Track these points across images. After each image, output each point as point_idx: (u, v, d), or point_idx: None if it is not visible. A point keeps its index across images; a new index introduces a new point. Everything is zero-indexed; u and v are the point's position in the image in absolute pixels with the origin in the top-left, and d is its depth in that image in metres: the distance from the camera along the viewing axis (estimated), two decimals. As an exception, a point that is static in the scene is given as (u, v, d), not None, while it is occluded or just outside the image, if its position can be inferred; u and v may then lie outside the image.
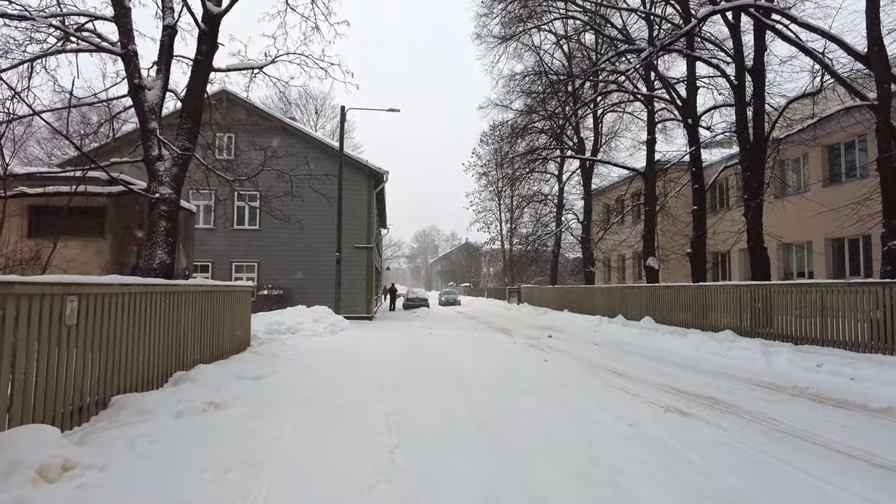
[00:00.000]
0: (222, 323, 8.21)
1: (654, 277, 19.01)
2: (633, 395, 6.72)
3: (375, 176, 20.70)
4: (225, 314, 8.38)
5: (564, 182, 29.61)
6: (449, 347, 11.77)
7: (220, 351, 8.12)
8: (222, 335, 8.22)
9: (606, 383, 7.58)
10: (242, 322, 9.53)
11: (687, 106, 16.54)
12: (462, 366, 8.86)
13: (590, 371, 8.68)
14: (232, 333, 8.76)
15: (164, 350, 6.16)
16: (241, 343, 9.44)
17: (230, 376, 6.79)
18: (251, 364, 7.96)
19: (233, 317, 8.84)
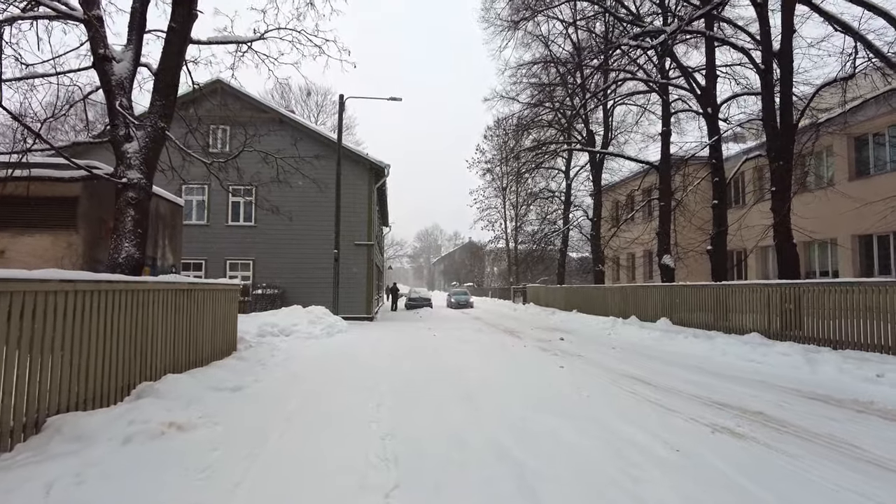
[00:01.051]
0: (202, 325, 7.33)
1: (670, 276, 18.06)
2: (668, 410, 5.80)
3: (376, 170, 19.81)
4: (206, 315, 7.50)
5: (572, 178, 28.67)
6: (453, 351, 10.86)
7: (199, 357, 7.23)
8: (202, 339, 7.33)
9: (634, 394, 6.67)
10: (228, 324, 8.65)
11: (706, 94, 15.58)
12: (469, 374, 7.95)
13: (612, 379, 7.76)
14: (214, 337, 7.88)
15: (126, 358, 5.27)
16: (226, 347, 8.56)
17: (205, 387, 5.90)
18: (233, 372, 7.07)
19: (216, 318, 7.96)
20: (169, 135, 6.87)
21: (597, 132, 24.53)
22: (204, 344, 7.41)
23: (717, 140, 15.31)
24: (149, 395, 5.11)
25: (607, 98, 22.87)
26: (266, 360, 8.36)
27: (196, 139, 9.60)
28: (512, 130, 25.38)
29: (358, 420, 5.04)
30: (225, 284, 8.46)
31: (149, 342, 5.77)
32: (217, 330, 8.02)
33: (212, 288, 7.76)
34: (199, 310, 7.25)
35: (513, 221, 39.48)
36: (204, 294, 7.41)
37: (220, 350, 8.23)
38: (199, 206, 19.33)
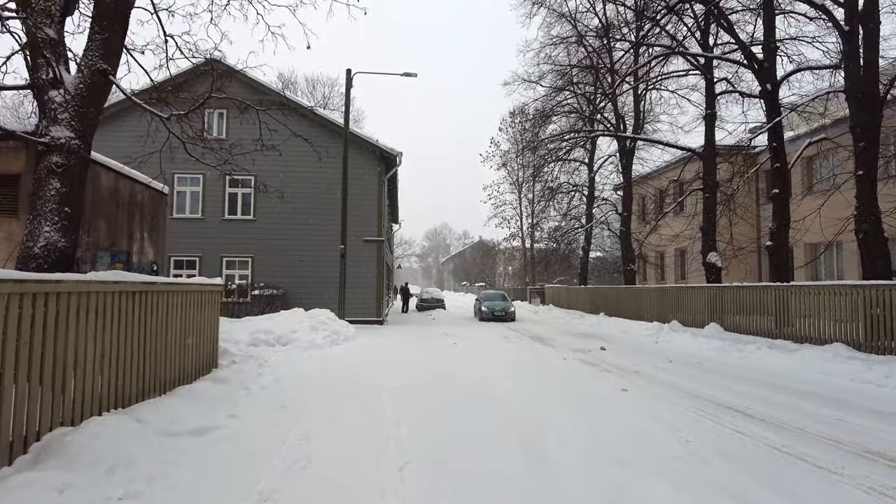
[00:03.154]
0: (163, 339, 5.54)
1: (716, 276, 16.10)
2: (826, 472, 3.93)
3: (387, 159, 17.99)
4: (170, 325, 5.71)
5: (596, 170, 26.64)
6: (483, 366, 9.00)
7: (159, 381, 5.44)
8: (163, 357, 5.55)
9: (752, 440, 4.81)
10: (205, 334, 6.86)
11: (764, 69, 13.59)
12: (515, 403, 6.10)
13: (701, 411, 5.88)
14: (183, 353, 6.09)
15: (26, 395, 3.48)
16: (202, 364, 6.77)
17: (152, 433, 4.11)
18: (203, 402, 5.27)
19: (186, 328, 6.17)
20: (116, 82, 5.07)
21: (627, 116, 22.48)
22: (167, 363, 5.61)
23: (777, 121, 13.30)
24: (49, 457, 3.31)
25: (639, 80, 20.89)
26: (251, 382, 6.55)
27: (187, 124, 7.82)
28: (533, 118, 23.44)
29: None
30: (200, 284, 6.66)
31: (72, 367, 3.98)
32: (188, 343, 6.22)
33: (180, 289, 5.96)
34: (160, 318, 5.45)
35: (529, 218, 37.49)
36: (167, 297, 5.62)
37: (194, 368, 6.43)
38: (194, 198, 17.61)
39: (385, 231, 19.96)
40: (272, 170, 17.64)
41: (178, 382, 5.89)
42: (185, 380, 6.09)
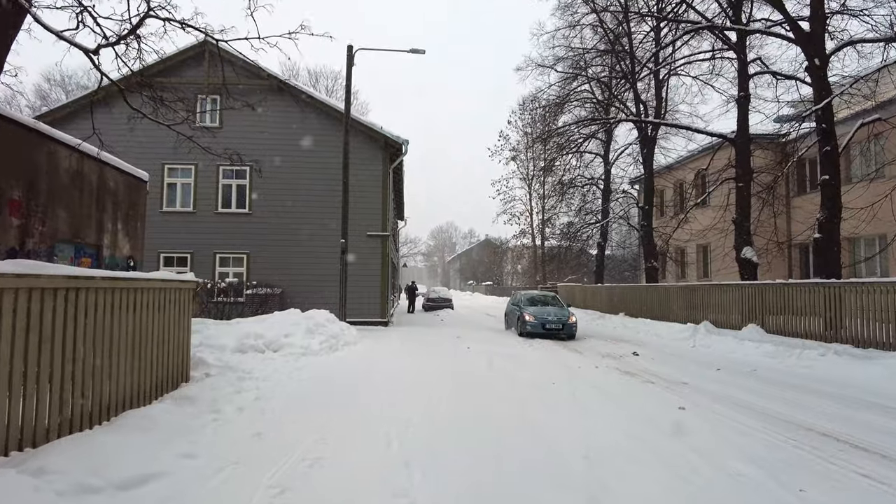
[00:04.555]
0: (106, 350, 4.29)
1: (752, 273, 14.71)
2: None
3: (392, 147, 16.70)
4: (117, 332, 4.47)
5: (612, 162, 25.26)
6: (505, 377, 7.70)
7: (96, 406, 4.18)
8: (108, 373, 4.30)
9: None
10: (170, 342, 5.60)
11: (812, 42, 12.19)
12: (553, 433, 4.82)
13: (796, 442, 4.59)
14: (137, 366, 4.84)
15: None
16: (166, 378, 5.51)
17: (54, 492, 2.83)
18: (152, 435, 4.01)
19: (141, 336, 4.92)
20: (35, 15, 3.79)
21: (649, 102, 21.06)
22: (109, 382, 4.36)
23: (827, 100, 11.91)
24: None
25: (661, 64, 19.50)
26: (226, 401, 5.27)
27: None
28: (546, 106, 22.09)
29: None
30: (163, 280, 5.40)
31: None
32: (145, 355, 4.97)
33: (131, 285, 4.70)
34: (99, 324, 4.20)
35: (540, 214, 36.09)
36: (111, 297, 4.36)
37: (153, 386, 5.17)
38: (185, 191, 16.39)
39: (390, 226, 18.70)
40: (269, 158, 16.39)
41: (128, 405, 4.63)
42: (139, 401, 4.82)
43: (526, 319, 13.85)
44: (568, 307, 15.20)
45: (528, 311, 14.22)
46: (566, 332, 13.44)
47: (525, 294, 16.39)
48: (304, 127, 16.69)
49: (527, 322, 13.76)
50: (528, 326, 13.67)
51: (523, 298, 15.78)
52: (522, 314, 14.23)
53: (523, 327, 13.86)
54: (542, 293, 16.68)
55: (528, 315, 13.97)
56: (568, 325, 13.50)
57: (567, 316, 13.88)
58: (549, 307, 14.78)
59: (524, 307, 14.86)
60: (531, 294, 16.46)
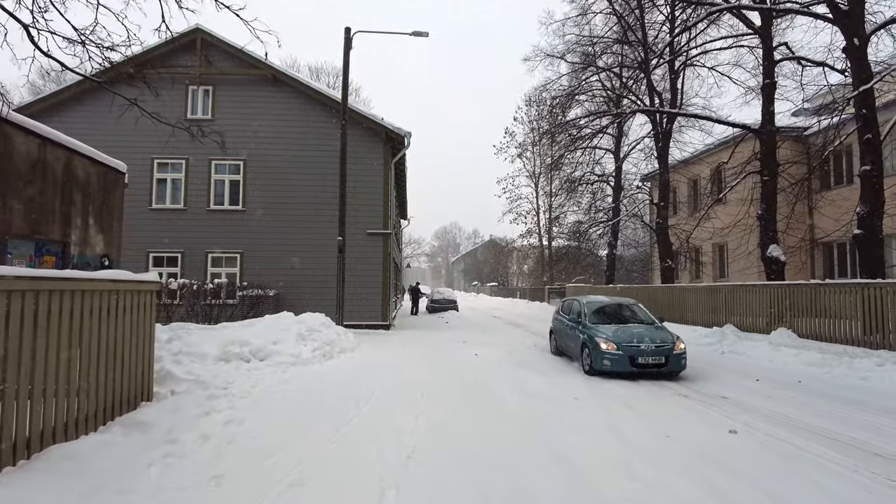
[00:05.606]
0: (30, 368, 3.38)
1: (778, 272, 13.71)
2: None
3: (393, 140, 15.76)
4: (47, 345, 3.57)
5: (623, 158, 24.24)
6: (518, 391, 6.75)
7: (17, 438, 3.25)
8: (30, 396, 3.37)
9: None
10: (125, 355, 4.70)
11: (850, 20, 11.20)
12: (601, 482, 3.85)
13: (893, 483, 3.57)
14: (76, 385, 3.92)
15: None
16: (120, 398, 4.62)
17: None
18: (69, 481, 3.10)
19: (87, 348, 4.04)
20: None
21: (664, 92, 20.02)
22: (28, 411, 3.43)
23: (868, 83, 10.91)
24: None
25: (677, 53, 18.49)
26: (188, 428, 4.35)
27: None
28: (555, 99, 21.09)
29: None
30: (113, 281, 4.48)
31: None
32: (85, 373, 4.05)
33: (62, 287, 3.78)
34: (10, 337, 3.28)
35: (547, 213, 35.08)
36: (31, 302, 3.44)
37: (100, 409, 4.26)
38: (175, 186, 15.51)
39: (393, 224, 17.77)
40: (264, 153, 15.54)
41: (58, 438, 3.71)
42: (76, 430, 3.90)
43: (602, 350, 8.05)
44: (661, 321, 9.71)
45: (601, 333, 8.41)
46: (671, 368, 7.91)
47: (587, 302, 9.96)
48: (302, 120, 15.80)
49: (604, 354, 8.00)
50: (605, 361, 7.98)
51: (585, 308, 9.65)
52: (593, 338, 8.36)
53: (598, 361, 8.08)
54: (613, 299, 10.44)
55: (605, 340, 8.17)
56: (674, 356, 7.90)
57: (669, 341, 8.13)
58: (635, 325, 9.01)
59: (592, 325, 8.95)
60: (597, 302, 10.09)
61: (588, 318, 9.32)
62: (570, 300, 10.97)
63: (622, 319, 9.40)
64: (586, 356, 8.51)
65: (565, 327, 10.11)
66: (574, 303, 10.49)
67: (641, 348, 7.97)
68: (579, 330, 9.10)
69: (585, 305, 9.78)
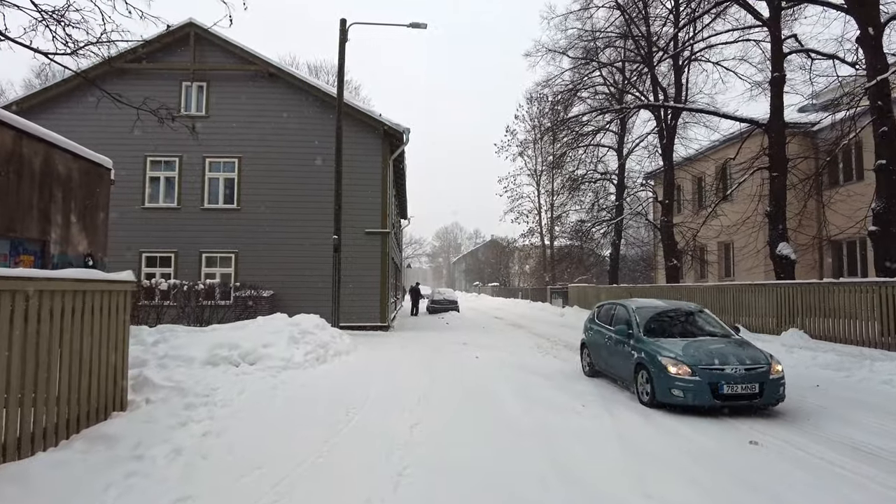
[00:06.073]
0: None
1: (788, 271, 13.28)
2: None
3: (392, 136, 15.37)
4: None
5: (627, 155, 23.82)
6: (524, 397, 6.36)
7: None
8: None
9: None
10: (94, 361, 4.34)
11: (864, 7, 10.79)
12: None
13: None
14: (31, 396, 3.53)
15: None
16: (91, 407, 4.26)
17: None
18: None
19: (45, 354, 3.65)
20: None
21: (668, 86, 19.61)
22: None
23: (887, 74, 10.49)
24: None
25: (682, 47, 18.09)
26: (159, 442, 3.96)
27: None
28: (557, 95, 20.69)
29: None
30: (77, 280, 4.10)
31: None
32: (43, 382, 3.67)
33: (10, 287, 3.40)
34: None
35: (548, 212, 34.68)
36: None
37: (62, 421, 3.88)
38: (168, 185, 15.13)
39: (392, 223, 17.38)
40: (260, 151, 15.17)
41: (10, 455, 3.33)
42: (30, 447, 3.52)
43: (671, 374, 5.98)
44: (737, 331, 8.13)
45: (667, 351, 6.27)
46: (767, 400, 5.87)
47: (639, 308, 7.61)
48: (299, 116, 15.43)
49: (673, 380, 5.95)
50: (675, 390, 5.91)
51: (636, 316, 7.34)
52: (656, 358, 6.25)
53: (664, 389, 6.01)
54: (670, 304, 8.20)
55: (674, 361, 6.06)
56: (771, 382, 5.86)
57: (763, 361, 6.06)
58: (708, 339, 6.82)
59: (650, 339, 6.79)
60: (650, 307, 7.72)
61: (642, 328, 7.04)
62: (609, 305, 8.70)
63: (687, 331, 7.13)
64: (643, 381, 6.39)
65: (606, 341, 7.78)
66: (618, 309, 8.08)
67: (726, 372, 5.80)
68: (630, 345, 6.92)
69: (636, 312, 7.41)
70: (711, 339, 6.83)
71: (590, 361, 8.45)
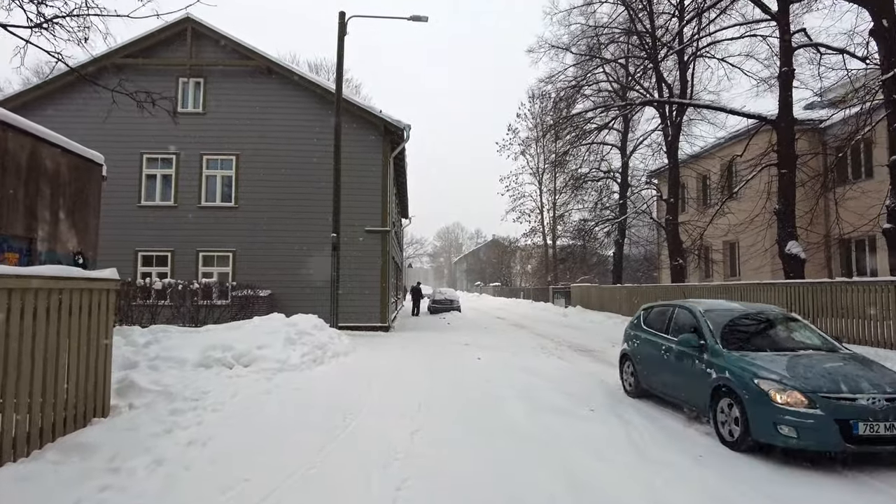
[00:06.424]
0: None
1: (798, 271, 12.97)
2: None
3: (392, 133, 15.09)
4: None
5: (630, 154, 23.53)
6: (528, 404, 6.07)
7: None
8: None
9: None
10: (72, 364, 4.06)
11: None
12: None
13: None
14: (6, 400, 3.26)
15: None
16: (69, 414, 3.98)
17: None
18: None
19: (14, 358, 3.35)
20: None
21: (674, 83, 19.28)
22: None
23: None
24: None
25: (687, 43, 17.79)
26: (137, 454, 3.68)
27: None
28: (560, 92, 20.40)
29: None
30: (52, 278, 3.83)
31: None
32: (13, 388, 3.39)
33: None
34: None
35: (551, 211, 34.37)
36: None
37: (36, 431, 3.60)
38: (165, 183, 14.86)
39: (392, 222, 17.10)
40: (258, 148, 14.90)
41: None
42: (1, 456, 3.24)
43: (777, 404, 4.32)
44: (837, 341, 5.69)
45: (768, 371, 4.65)
46: None
47: (708, 311, 5.93)
48: (298, 113, 15.16)
49: (782, 412, 4.29)
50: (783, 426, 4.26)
51: (709, 323, 5.66)
52: (749, 381, 4.62)
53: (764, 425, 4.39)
54: (750, 307, 6.39)
55: (779, 385, 4.44)
56: None
57: None
58: (815, 354, 5.14)
59: (733, 352, 5.16)
60: (725, 311, 6.00)
61: (718, 338, 5.31)
62: (662, 308, 6.85)
63: (779, 343, 5.42)
64: (727, 412, 4.73)
65: (663, 353, 6.07)
66: (678, 312, 6.28)
67: (860, 403, 4.17)
68: (703, 361, 5.21)
69: (706, 317, 5.69)
70: (818, 354, 5.09)
71: (635, 378, 6.71)
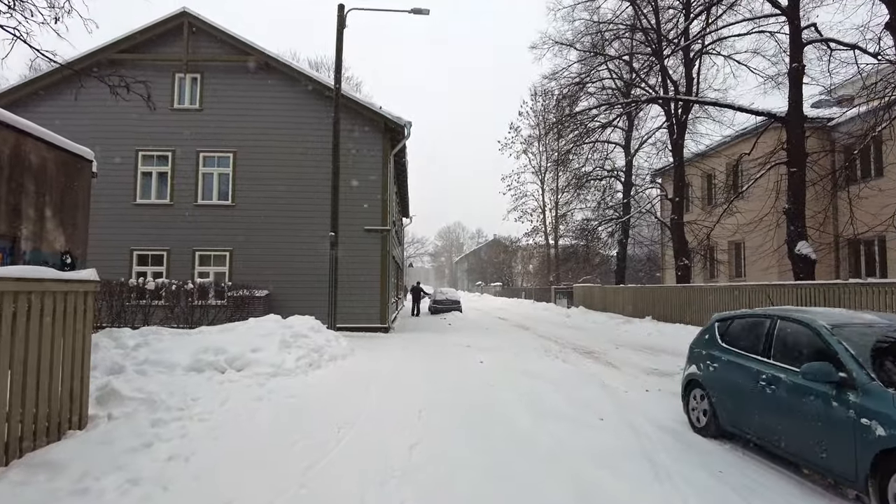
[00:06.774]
0: None
1: (808, 272, 12.65)
2: None
3: (393, 130, 14.77)
4: None
5: (634, 153, 23.19)
6: (535, 415, 5.76)
7: None
8: None
9: None
10: (44, 374, 3.76)
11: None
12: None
13: None
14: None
15: None
16: (40, 427, 3.68)
17: None
18: None
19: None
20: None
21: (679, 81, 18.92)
22: None
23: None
24: None
25: (693, 40, 17.45)
26: (110, 471, 3.37)
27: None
28: (564, 89, 20.05)
29: None
30: (21, 279, 3.52)
31: None
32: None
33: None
34: None
35: (553, 210, 34.03)
36: None
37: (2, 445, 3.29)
38: (161, 180, 14.55)
39: (393, 220, 16.78)
40: (256, 145, 14.58)
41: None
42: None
43: None
44: None
45: None
46: None
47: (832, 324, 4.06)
48: (297, 110, 14.85)
49: None
50: None
51: (846, 344, 3.78)
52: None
53: None
54: (892, 319, 4.25)
55: None
56: None
57: None
58: None
59: None
60: (860, 324, 4.10)
61: (867, 367, 3.60)
62: (751, 321, 5.02)
63: None
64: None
65: (764, 386, 4.33)
66: (784, 327, 4.53)
67: None
68: (849, 403, 3.52)
69: (839, 335, 3.93)
70: None
71: (712, 413, 4.97)
